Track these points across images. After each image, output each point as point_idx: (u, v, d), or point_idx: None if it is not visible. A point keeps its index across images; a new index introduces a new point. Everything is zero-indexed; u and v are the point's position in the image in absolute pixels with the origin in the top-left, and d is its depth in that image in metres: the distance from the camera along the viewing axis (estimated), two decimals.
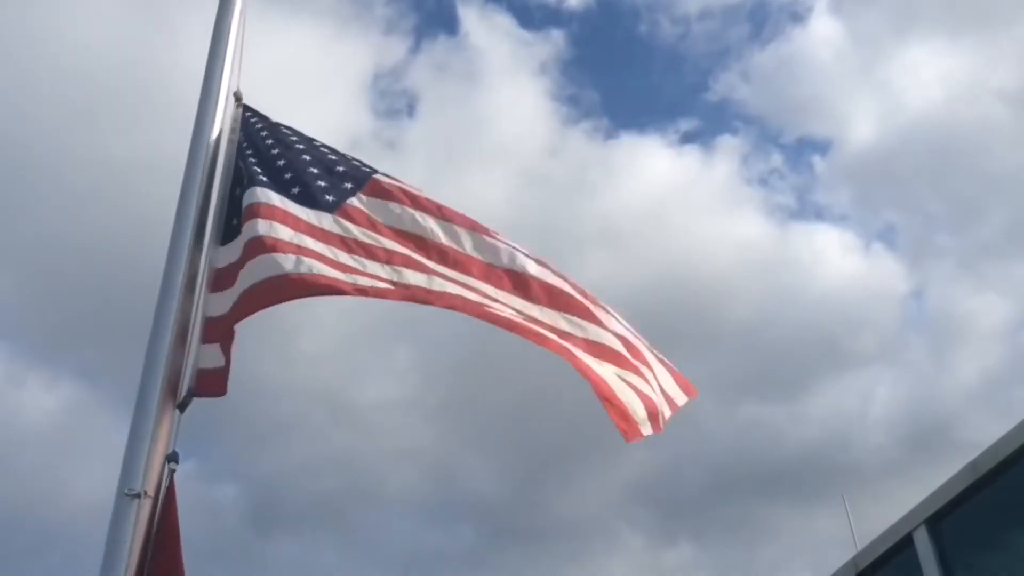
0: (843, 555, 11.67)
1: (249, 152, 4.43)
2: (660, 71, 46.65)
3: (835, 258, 44.53)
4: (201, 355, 3.88)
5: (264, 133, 4.53)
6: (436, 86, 44.23)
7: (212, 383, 3.82)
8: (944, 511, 10.18)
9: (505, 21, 45.10)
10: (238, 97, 4.58)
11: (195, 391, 3.75)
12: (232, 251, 4.09)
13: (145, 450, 3.46)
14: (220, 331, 3.87)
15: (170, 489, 3.44)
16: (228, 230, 4.18)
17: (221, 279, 4.04)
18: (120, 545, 3.30)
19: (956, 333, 41.25)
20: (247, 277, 3.86)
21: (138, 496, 3.36)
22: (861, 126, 44.83)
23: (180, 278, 3.89)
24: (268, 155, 4.43)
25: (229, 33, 4.56)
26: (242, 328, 3.85)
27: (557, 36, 44.66)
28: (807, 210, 48.75)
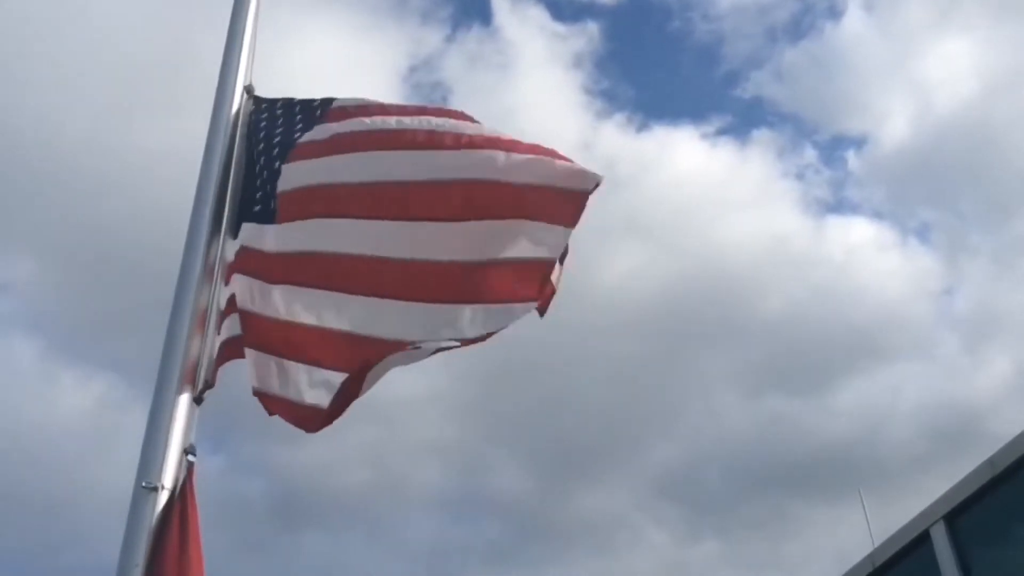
0: (868, 551, 11.61)
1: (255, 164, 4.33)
2: (693, 67, 46.53)
3: (869, 254, 44.34)
4: (217, 348, 3.88)
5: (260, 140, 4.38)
6: (469, 77, 44.21)
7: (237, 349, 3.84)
8: (962, 507, 10.13)
9: (537, 13, 45.04)
10: (250, 90, 4.52)
11: (210, 384, 3.74)
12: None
13: (163, 443, 3.44)
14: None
15: (187, 481, 3.41)
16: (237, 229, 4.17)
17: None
18: (138, 538, 3.29)
19: (990, 329, 40.94)
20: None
21: (155, 489, 3.35)
22: (896, 122, 44.58)
23: (197, 272, 3.88)
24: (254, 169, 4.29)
25: (245, 25, 4.54)
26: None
27: (591, 30, 44.64)
28: (841, 206, 48.54)
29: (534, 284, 3.57)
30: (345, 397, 3.67)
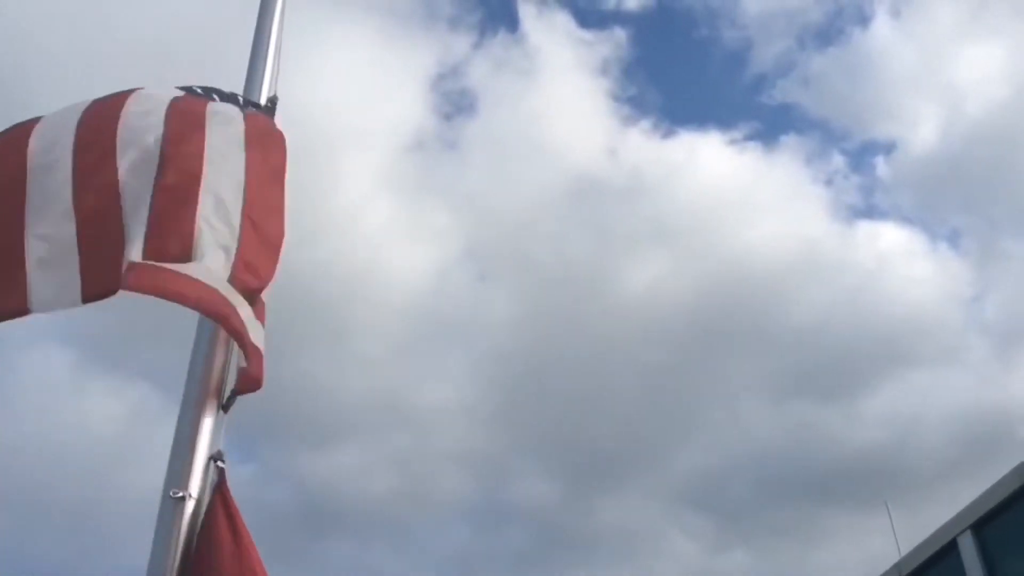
0: (895, 560, 11.50)
1: None
2: (720, 73, 46.48)
3: (898, 260, 44.10)
4: (242, 353, 3.87)
5: None
6: (495, 83, 44.35)
7: (251, 380, 3.81)
8: (990, 516, 10.00)
9: (563, 20, 45.10)
10: (274, 101, 4.54)
11: (236, 390, 3.74)
12: None
13: (190, 452, 3.45)
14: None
15: (221, 487, 3.41)
16: None
17: None
18: (166, 548, 3.30)
19: (1021, 335, 40.48)
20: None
21: (183, 499, 3.36)
22: (926, 128, 44.33)
23: None
24: None
25: (270, 35, 4.57)
26: (300, 332, 3.81)
27: (618, 36, 44.70)
28: (870, 212, 48.37)
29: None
30: None
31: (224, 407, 3.66)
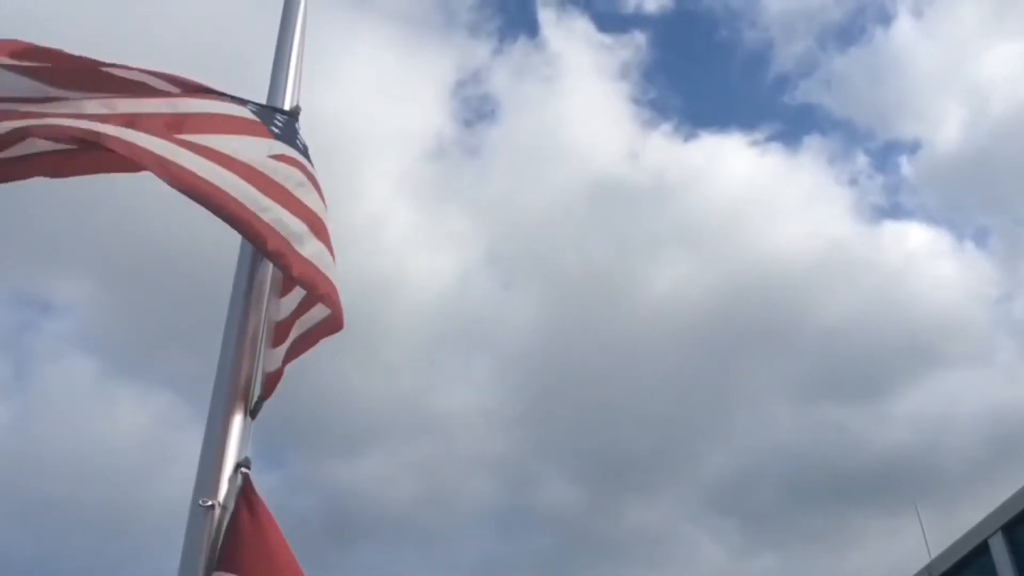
0: (925, 563, 11.39)
1: None
2: (742, 75, 46.31)
3: (924, 260, 43.75)
4: (268, 359, 3.89)
5: None
6: (516, 89, 44.41)
7: (275, 384, 3.83)
8: (1021, 517, 9.88)
9: (583, 25, 45.08)
10: (295, 111, 4.54)
11: (263, 396, 3.75)
12: None
13: (219, 460, 3.45)
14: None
15: (248, 493, 3.41)
16: None
17: (284, 283, 4.05)
18: (196, 556, 3.30)
19: None
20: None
21: (212, 507, 3.35)
22: (950, 127, 43.98)
23: (247, 285, 3.91)
24: None
25: (292, 45, 4.57)
26: (324, 341, 3.86)
27: (638, 40, 44.66)
28: (895, 212, 48.03)
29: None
30: None
31: (252, 413, 3.67)
